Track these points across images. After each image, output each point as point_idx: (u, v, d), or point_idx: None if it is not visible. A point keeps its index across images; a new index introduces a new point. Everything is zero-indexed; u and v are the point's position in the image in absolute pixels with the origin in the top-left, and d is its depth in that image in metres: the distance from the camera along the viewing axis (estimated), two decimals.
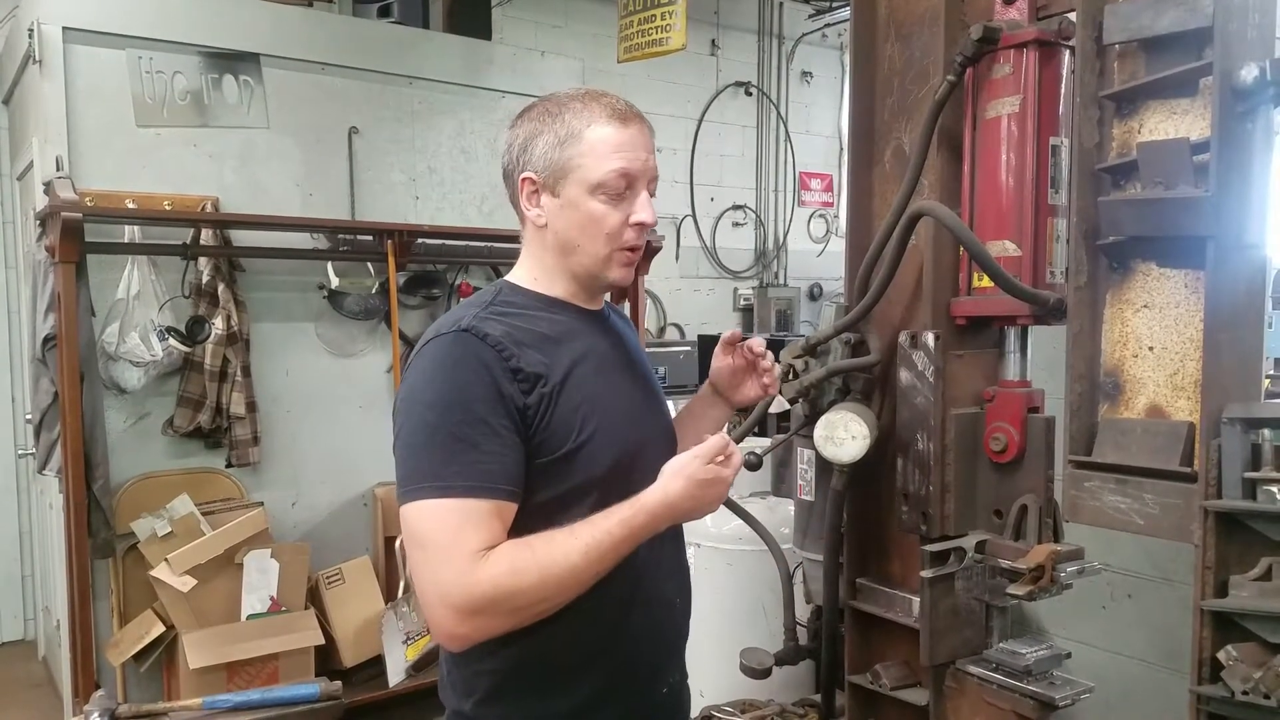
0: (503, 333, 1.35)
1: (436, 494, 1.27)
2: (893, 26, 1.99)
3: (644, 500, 1.31)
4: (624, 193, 1.41)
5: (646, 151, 1.43)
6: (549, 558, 1.26)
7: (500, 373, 1.31)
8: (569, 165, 1.40)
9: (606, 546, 1.28)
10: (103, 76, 3.59)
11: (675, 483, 1.31)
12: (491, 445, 1.29)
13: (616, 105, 1.43)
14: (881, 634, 2.03)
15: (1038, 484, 1.78)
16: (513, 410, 1.31)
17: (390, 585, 4.06)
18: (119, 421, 3.66)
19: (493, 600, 1.24)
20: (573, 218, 1.41)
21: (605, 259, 1.43)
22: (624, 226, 1.42)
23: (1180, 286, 1.51)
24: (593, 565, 1.28)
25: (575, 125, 1.40)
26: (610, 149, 1.39)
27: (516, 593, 1.25)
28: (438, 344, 1.36)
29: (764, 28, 6.75)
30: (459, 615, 1.25)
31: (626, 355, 1.56)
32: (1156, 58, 1.53)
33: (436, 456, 1.28)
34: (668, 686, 1.52)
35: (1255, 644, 1.38)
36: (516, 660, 1.38)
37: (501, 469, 1.29)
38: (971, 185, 1.85)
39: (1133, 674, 2.94)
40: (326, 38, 4.09)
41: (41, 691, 4.29)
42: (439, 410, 1.30)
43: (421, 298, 4.35)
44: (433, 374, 1.33)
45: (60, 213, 3.19)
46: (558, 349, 1.40)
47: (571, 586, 1.29)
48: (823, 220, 7.20)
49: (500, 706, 1.40)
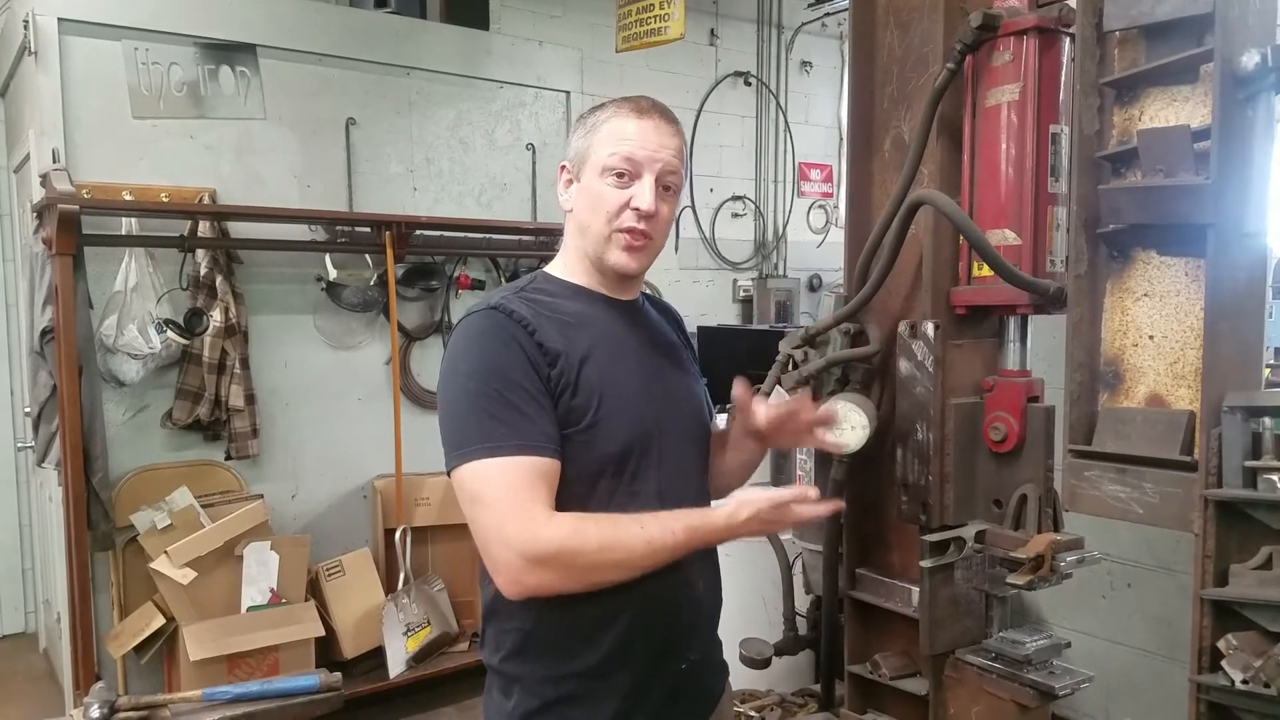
0: (528, 312, 1.45)
1: (490, 454, 1.35)
2: (892, 14, 1.98)
3: (712, 516, 1.41)
4: (628, 178, 1.48)
5: (658, 142, 1.50)
6: (613, 535, 1.35)
7: (528, 344, 1.41)
8: (588, 152, 1.51)
9: (669, 545, 1.36)
10: (98, 68, 3.57)
11: (744, 511, 1.39)
12: (532, 408, 1.38)
13: (640, 102, 1.53)
14: (881, 624, 2.03)
15: (1037, 473, 1.78)
16: (543, 379, 1.40)
17: (390, 577, 4.06)
18: (118, 414, 3.65)
19: (556, 554, 1.32)
20: (584, 199, 1.52)
21: (606, 239, 1.50)
22: (623, 208, 1.48)
23: (1181, 275, 1.51)
24: (650, 557, 1.36)
25: (600, 118, 1.52)
26: (620, 136, 1.49)
27: (578, 553, 1.33)
28: (469, 321, 1.46)
29: (763, 17, 6.72)
30: (527, 564, 1.33)
31: (654, 345, 1.61)
32: (1157, 44, 1.52)
33: (485, 421, 1.36)
34: (686, 663, 1.55)
35: (1255, 633, 1.38)
36: (537, 621, 1.46)
37: (543, 430, 1.38)
38: (971, 174, 1.84)
39: (1132, 663, 2.95)
40: (323, 28, 4.07)
41: (42, 684, 4.30)
42: (479, 379, 1.39)
43: (420, 289, 4.34)
44: (467, 347, 1.43)
45: (57, 205, 3.18)
46: (577, 332, 1.48)
47: (625, 567, 1.37)
48: (822, 211, 7.17)
49: (523, 663, 1.49)
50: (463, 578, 4.23)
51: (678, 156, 1.53)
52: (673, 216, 1.56)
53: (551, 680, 1.47)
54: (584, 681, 1.47)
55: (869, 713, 2.04)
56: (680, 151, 1.54)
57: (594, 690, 1.47)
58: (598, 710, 1.47)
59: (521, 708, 1.48)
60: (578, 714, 1.47)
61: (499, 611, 1.49)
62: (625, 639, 1.47)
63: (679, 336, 1.74)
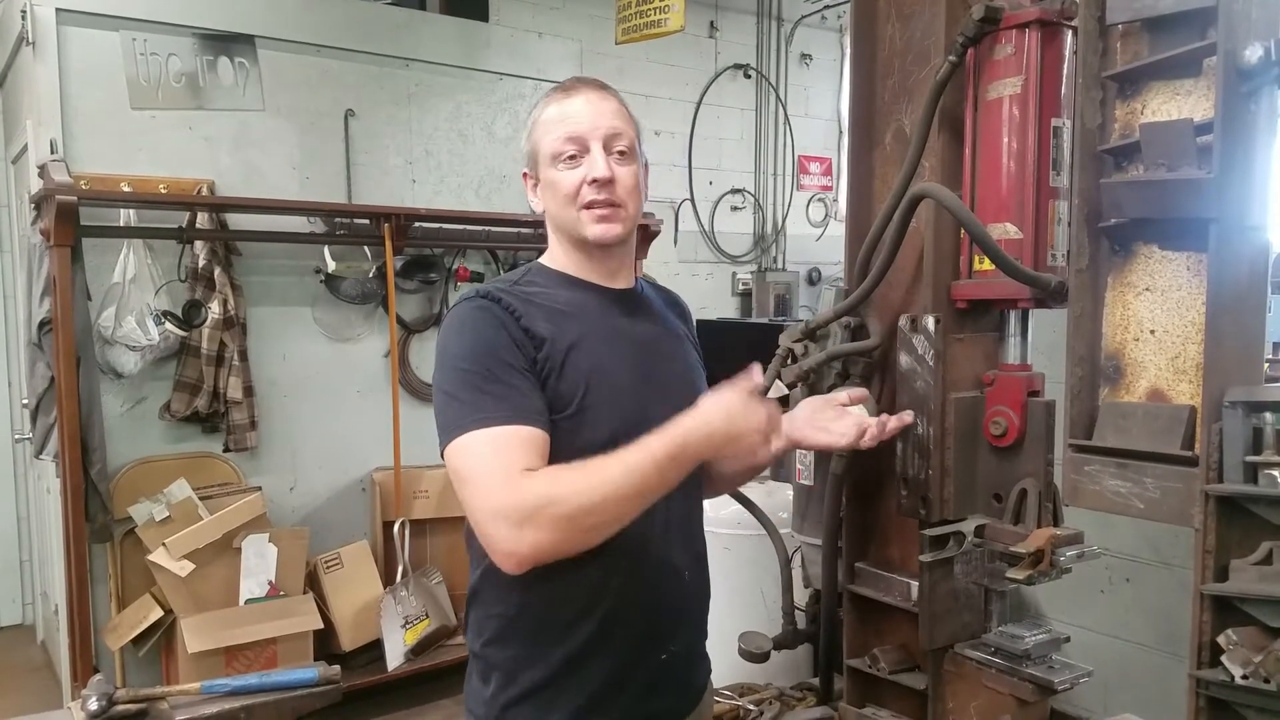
0: (516, 300, 1.47)
1: (476, 425, 1.35)
2: (893, 7, 1.97)
3: (681, 421, 1.36)
4: (578, 157, 1.49)
5: (593, 111, 1.50)
6: (588, 469, 1.32)
7: (514, 328, 1.43)
8: (536, 150, 1.54)
9: (647, 463, 1.32)
10: (97, 58, 3.56)
11: (709, 406, 1.38)
12: (521, 383, 1.40)
13: (567, 83, 1.55)
14: (880, 618, 2.03)
15: (1037, 468, 1.77)
16: (529, 361, 1.42)
17: (389, 570, 4.07)
18: (116, 406, 3.65)
19: (536, 506, 1.29)
20: (547, 193, 1.54)
21: (576, 220, 1.51)
22: (581, 185, 1.49)
23: (1182, 269, 1.50)
24: (633, 479, 1.32)
25: (535, 114, 1.55)
26: (555, 121, 1.50)
27: (561, 499, 1.29)
28: (458, 309, 1.49)
29: (763, 9, 6.70)
30: (511, 528, 1.29)
31: (651, 334, 1.61)
32: (1160, 38, 1.51)
33: (476, 398, 1.38)
34: (667, 654, 1.54)
35: (1255, 628, 1.38)
36: (520, 606, 1.47)
37: (533, 404, 1.40)
38: (973, 167, 1.83)
39: (1132, 658, 2.95)
40: (322, 19, 4.06)
41: (40, 676, 4.30)
42: (470, 359, 1.41)
43: (418, 282, 4.33)
44: (457, 332, 1.45)
45: (55, 196, 3.17)
46: (568, 320, 1.49)
47: (614, 499, 1.32)
48: (821, 204, 7.16)
49: (504, 648, 1.49)
50: (461, 570, 4.20)
51: (618, 118, 1.51)
52: (638, 179, 1.54)
53: (530, 666, 1.47)
54: (563, 668, 1.47)
55: (868, 707, 2.04)
56: (619, 113, 1.52)
57: (573, 677, 1.47)
58: (576, 697, 1.46)
59: (501, 695, 1.48)
60: (556, 701, 1.47)
61: (482, 597, 1.51)
62: (606, 626, 1.46)
63: (683, 326, 1.73)
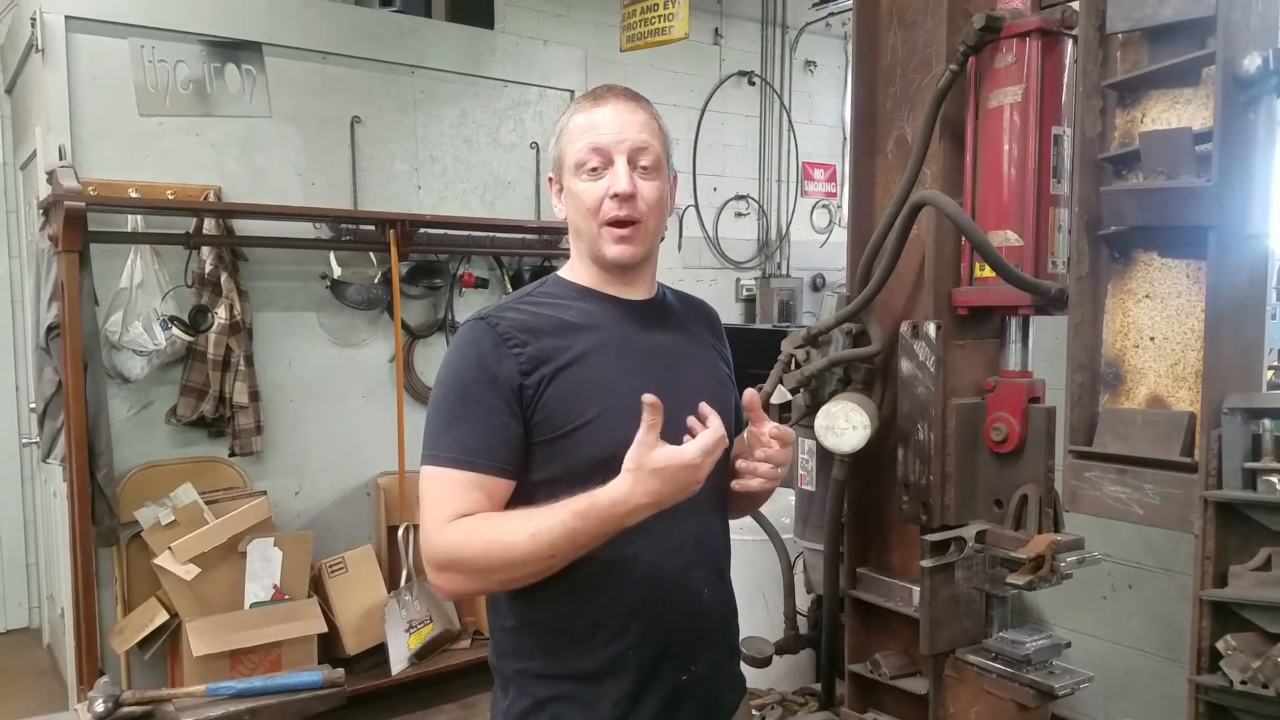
0: (518, 319, 1.44)
1: (429, 461, 1.40)
2: (895, 15, 1.99)
3: (597, 493, 1.29)
4: (602, 168, 1.45)
5: (620, 123, 1.46)
6: (496, 533, 1.33)
7: (496, 357, 1.40)
8: (562, 155, 1.50)
9: (558, 534, 1.29)
10: (105, 65, 3.59)
11: (625, 478, 1.28)
12: (477, 423, 1.38)
13: (598, 91, 1.51)
14: (881, 623, 2.04)
15: (1038, 474, 1.78)
16: (506, 390, 1.39)
17: (393, 574, 4.07)
18: (122, 410, 3.66)
19: (449, 560, 1.35)
20: (570, 203, 1.50)
21: (596, 236, 1.48)
22: (603, 199, 1.45)
23: (1182, 276, 1.51)
24: (541, 549, 1.30)
25: (564, 120, 1.51)
26: (582, 130, 1.47)
27: (465, 559, 1.34)
28: (460, 330, 1.50)
29: (767, 17, 6.73)
30: (435, 569, 1.37)
31: (670, 344, 1.55)
32: (1159, 47, 1.52)
33: (438, 429, 1.41)
34: (687, 674, 1.51)
35: (1254, 634, 1.39)
36: (526, 621, 1.47)
37: (483, 445, 1.38)
38: (974, 175, 1.85)
39: (1132, 663, 2.95)
40: (329, 26, 4.08)
41: (46, 679, 4.31)
42: (444, 388, 1.43)
43: (424, 287, 4.35)
44: (448, 357, 1.48)
45: (63, 202, 3.19)
46: (577, 333, 1.46)
47: (520, 563, 1.31)
48: (825, 211, 7.18)
49: (515, 660, 1.49)
50: None
51: (645, 131, 1.46)
52: (663, 195, 1.48)
53: (543, 680, 1.47)
54: (576, 684, 1.45)
55: (869, 712, 2.05)
56: (647, 125, 1.47)
57: (586, 694, 1.45)
58: (590, 714, 1.45)
59: (516, 706, 1.48)
60: (569, 716, 1.45)
61: (496, 608, 1.52)
62: (617, 646, 1.44)
63: (709, 335, 1.66)
